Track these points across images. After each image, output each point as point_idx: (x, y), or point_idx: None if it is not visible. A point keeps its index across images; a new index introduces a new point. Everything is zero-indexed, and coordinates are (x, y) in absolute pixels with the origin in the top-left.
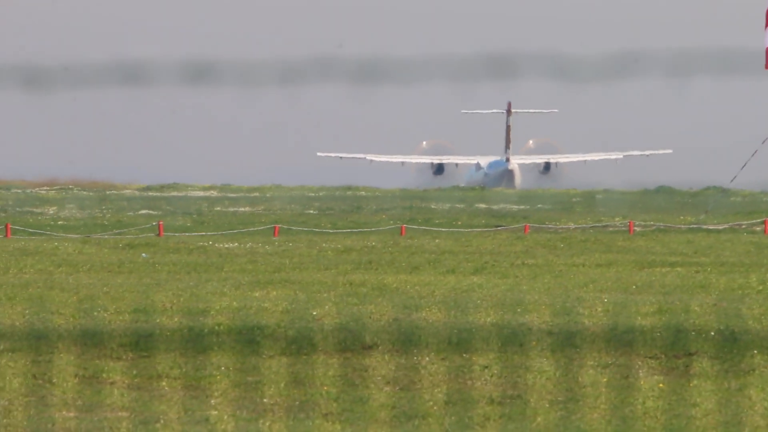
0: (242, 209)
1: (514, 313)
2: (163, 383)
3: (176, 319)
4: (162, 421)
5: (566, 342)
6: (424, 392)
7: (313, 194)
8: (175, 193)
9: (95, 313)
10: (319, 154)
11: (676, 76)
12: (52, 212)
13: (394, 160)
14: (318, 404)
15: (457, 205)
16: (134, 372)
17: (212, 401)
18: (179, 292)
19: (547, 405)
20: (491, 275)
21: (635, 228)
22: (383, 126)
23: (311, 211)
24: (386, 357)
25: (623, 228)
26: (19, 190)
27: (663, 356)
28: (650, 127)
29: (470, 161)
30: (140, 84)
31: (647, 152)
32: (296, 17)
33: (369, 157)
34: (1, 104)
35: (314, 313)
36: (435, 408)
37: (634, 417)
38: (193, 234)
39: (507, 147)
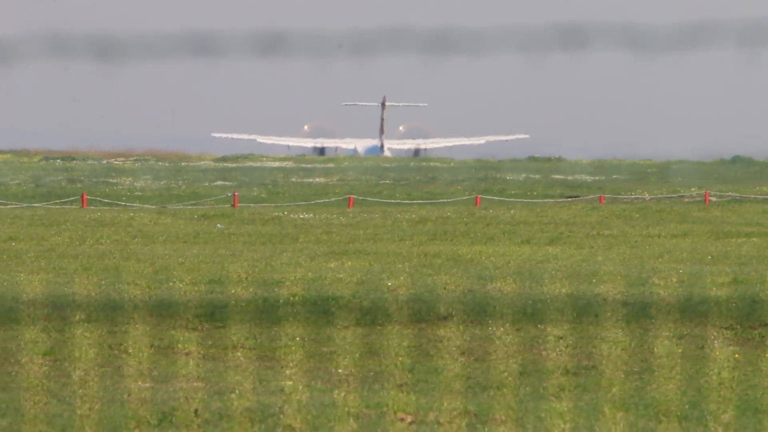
0: (317, 180)
1: (589, 284)
2: (238, 354)
3: (251, 290)
4: (237, 392)
5: (641, 313)
6: (498, 363)
7: (387, 165)
8: (250, 164)
9: (170, 284)
10: (213, 134)
11: (749, 46)
12: (127, 183)
13: (281, 142)
14: (392, 375)
15: (532, 176)
16: (209, 342)
17: (287, 372)
18: (254, 262)
19: (622, 376)
20: (566, 246)
21: (711, 198)
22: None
23: (386, 182)
24: (460, 328)
25: (699, 198)
26: (95, 161)
27: (738, 327)
28: (723, 98)
29: (349, 145)
30: (212, 55)
31: (506, 137)
32: None
33: (259, 139)
34: (76, 76)
35: (389, 283)
36: (509, 379)
37: (709, 388)
38: (268, 205)
39: (381, 137)
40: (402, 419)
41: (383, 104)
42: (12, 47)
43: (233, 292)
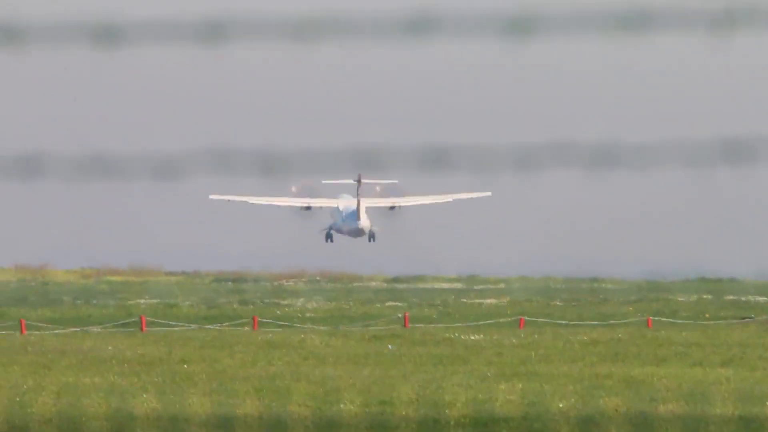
0: (488, 301)
1: (762, 406)
2: None
3: (421, 412)
4: None
5: None
6: None
7: (559, 286)
8: (421, 285)
9: (340, 406)
10: (211, 197)
11: None
12: (299, 304)
13: (272, 203)
14: None
15: (705, 296)
16: None
17: None
18: (424, 384)
19: None
20: (739, 368)
21: None
22: None
23: (557, 303)
24: None
25: None
26: (266, 283)
27: None
28: None
29: (332, 204)
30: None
31: (470, 194)
32: (532, 104)
33: (251, 200)
34: (242, 193)
35: (560, 405)
36: None
37: None
38: (439, 325)
39: (358, 209)
40: None
41: (359, 180)
42: (179, 164)
43: (403, 413)
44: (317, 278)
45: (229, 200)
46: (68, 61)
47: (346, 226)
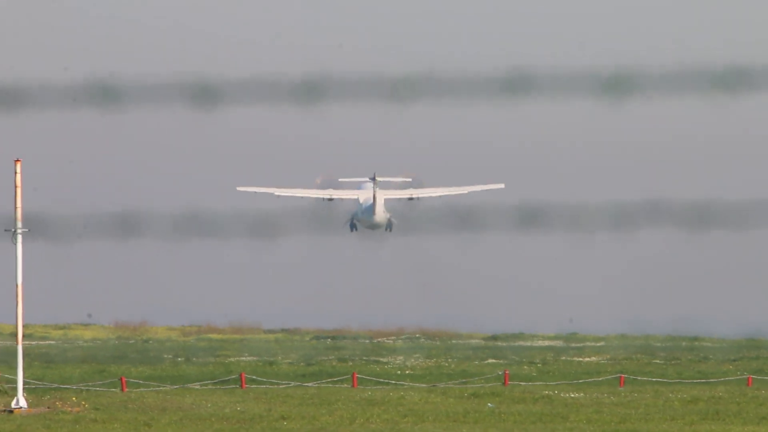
0: (588, 359)
1: None
2: None
3: None
4: None
5: None
6: None
7: (659, 344)
8: (520, 343)
9: None
10: (238, 188)
11: None
12: (398, 362)
13: (297, 194)
14: None
15: None
16: None
17: None
18: None
19: None
20: None
21: None
22: None
23: (657, 361)
24: None
25: None
26: (366, 340)
27: None
28: None
29: (354, 197)
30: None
31: (485, 187)
32: (624, 163)
33: (276, 192)
34: (341, 254)
35: None
36: None
37: None
38: (539, 383)
39: (374, 203)
40: None
41: (374, 179)
42: (276, 221)
43: None
44: (417, 335)
45: (255, 192)
46: (166, 120)
47: (363, 220)
